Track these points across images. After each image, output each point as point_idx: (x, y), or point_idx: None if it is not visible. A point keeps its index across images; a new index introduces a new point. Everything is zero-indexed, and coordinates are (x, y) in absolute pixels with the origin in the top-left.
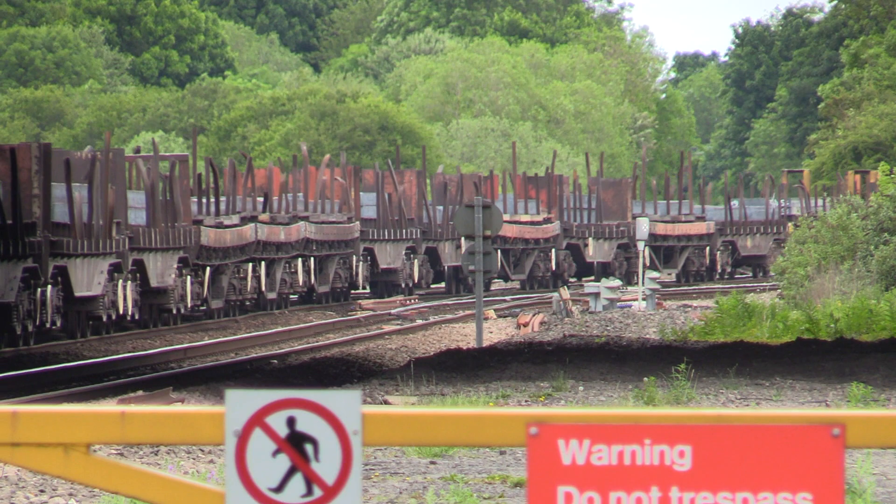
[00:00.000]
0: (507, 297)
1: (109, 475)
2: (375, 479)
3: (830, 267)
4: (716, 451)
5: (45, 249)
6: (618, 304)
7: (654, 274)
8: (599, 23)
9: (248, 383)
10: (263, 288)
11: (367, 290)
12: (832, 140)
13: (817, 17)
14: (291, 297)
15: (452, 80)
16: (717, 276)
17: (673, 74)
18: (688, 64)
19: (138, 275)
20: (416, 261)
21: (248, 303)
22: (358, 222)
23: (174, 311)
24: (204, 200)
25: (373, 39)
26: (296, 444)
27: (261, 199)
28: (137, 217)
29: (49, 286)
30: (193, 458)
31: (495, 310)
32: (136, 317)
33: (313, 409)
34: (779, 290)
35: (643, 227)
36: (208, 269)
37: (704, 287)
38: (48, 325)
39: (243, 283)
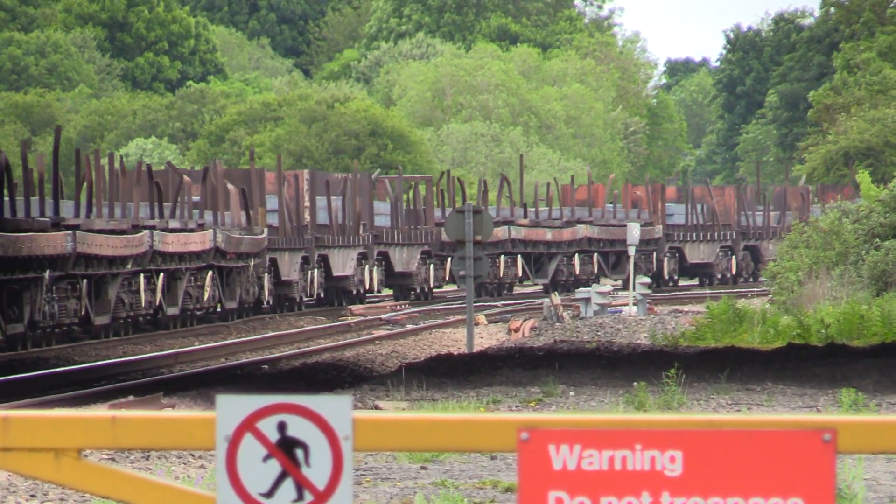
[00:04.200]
0: (499, 303)
1: (100, 480)
2: (366, 484)
3: (822, 272)
4: (707, 456)
5: (313, 243)
6: (608, 309)
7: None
8: (591, 28)
9: (239, 388)
10: (520, 274)
11: (674, 281)
12: (823, 145)
13: (807, 21)
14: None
15: (442, 85)
16: None
17: (664, 80)
18: (679, 69)
19: (383, 262)
20: (733, 258)
21: (501, 286)
22: (660, 226)
23: (417, 290)
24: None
25: (362, 45)
26: (286, 449)
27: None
28: (384, 221)
29: (315, 269)
30: (184, 463)
31: (486, 315)
32: (379, 291)
33: (304, 414)
34: (770, 296)
35: (634, 233)
36: (449, 259)
37: (696, 292)
38: (315, 297)
39: (497, 271)
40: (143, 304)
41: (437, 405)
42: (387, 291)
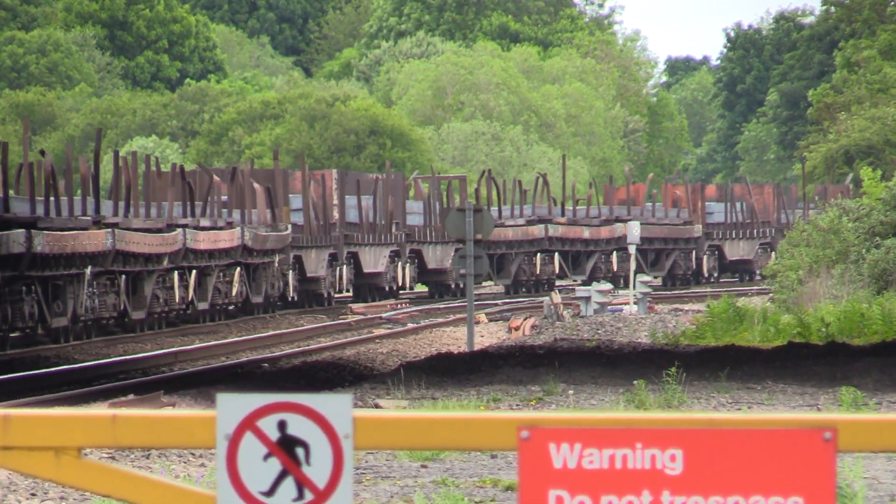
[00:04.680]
0: (498, 301)
1: (100, 479)
2: (366, 482)
3: (822, 270)
4: (707, 454)
5: (341, 240)
6: (609, 307)
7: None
8: (591, 27)
9: (240, 387)
10: (557, 271)
11: (714, 278)
12: (823, 144)
13: (808, 20)
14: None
15: (443, 84)
16: None
17: (665, 78)
18: (679, 68)
19: (416, 259)
20: (773, 254)
21: (541, 281)
22: (699, 224)
23: (452, 286)
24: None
25: (362, 44)
26: (287, 447)
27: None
28: (417, 219)
29: (344, 265)
30: (185, 462)
31: (486, 314)
32: (412, 288)
33: (304, 412)
34: (770, 294)
35: (634, 231)
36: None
37: (696, 290)
38: (344, 293)
39: (533, 268)
40: (176, 300)
41: (438, 404)
42: (421, 288)
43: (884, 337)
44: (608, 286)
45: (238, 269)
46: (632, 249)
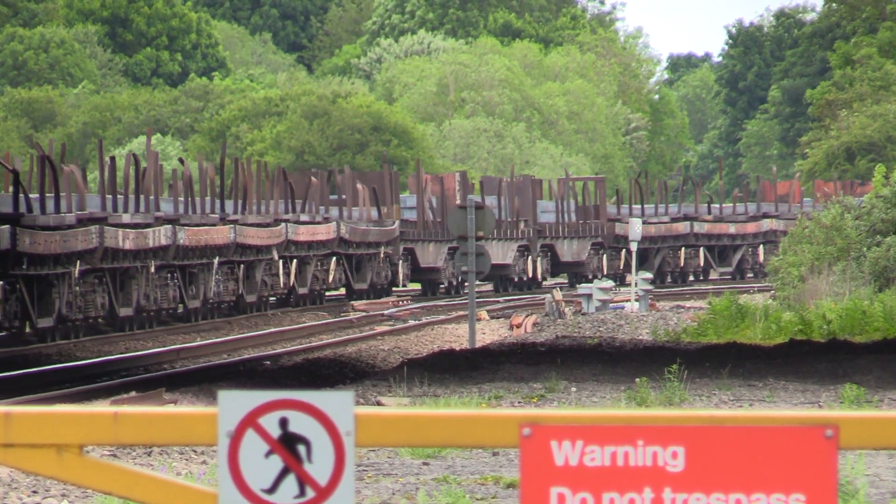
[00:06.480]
0: (500, 298)
1: (102, 476)
2: (368, 479)
3: (824, 268)
4: (709, 452)
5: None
6: (610, 305)
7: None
8: (593, 24)
9: (241, 384)
10: (702, 264)
11: None
12: (825, 140)
13: (809, 17)
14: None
15: (445, 81)
16: None
17: (666, 75)
18: (681, 65)
19: (549, 253)
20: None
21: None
22: None
23: (589, 277)
24: (624, 206)
25: (364, 41)
26: (288, 444)
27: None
28: (549, 217)
29: None
30: (186, 459)
31: (488, 311)
32: (544, 279)
33: (306, 409)
34: (772, 291)
35: (636, 228)
36: (623, 251)
37: (697, 288)
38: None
39: (678, 261)
40: (281, 286)
41: (439, 401)
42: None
43: (885, 334)
44: (610, 283)
45: (334, 258)
46: (633, 246)
